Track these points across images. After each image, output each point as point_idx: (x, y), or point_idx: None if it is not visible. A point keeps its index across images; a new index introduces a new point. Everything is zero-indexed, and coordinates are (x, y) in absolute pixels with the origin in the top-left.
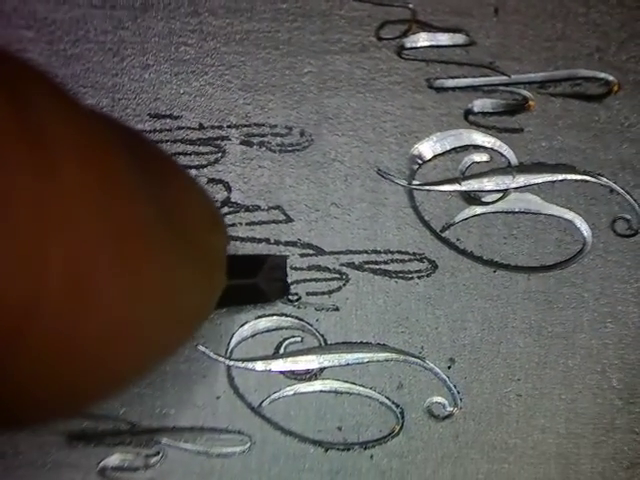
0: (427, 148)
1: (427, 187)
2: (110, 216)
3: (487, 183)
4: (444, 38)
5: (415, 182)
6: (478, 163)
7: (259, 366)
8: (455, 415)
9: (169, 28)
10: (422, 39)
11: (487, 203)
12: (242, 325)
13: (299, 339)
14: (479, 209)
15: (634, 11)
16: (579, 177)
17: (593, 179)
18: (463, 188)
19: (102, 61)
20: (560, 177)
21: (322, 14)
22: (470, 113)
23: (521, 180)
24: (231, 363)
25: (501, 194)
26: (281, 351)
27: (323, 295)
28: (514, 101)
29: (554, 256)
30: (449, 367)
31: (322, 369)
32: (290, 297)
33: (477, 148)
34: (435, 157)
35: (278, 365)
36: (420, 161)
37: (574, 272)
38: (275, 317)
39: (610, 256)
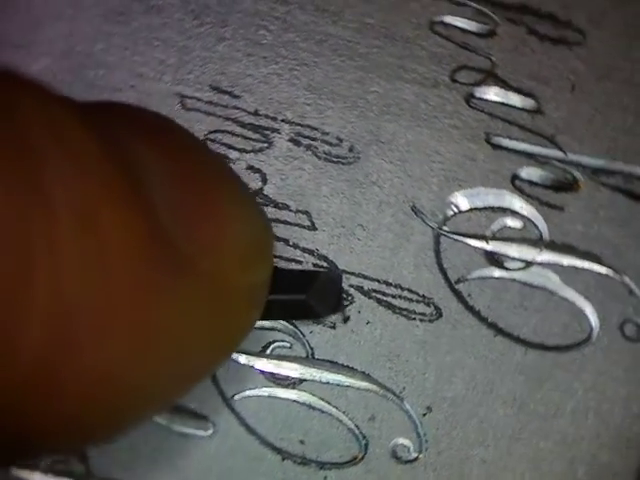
0: (466, 199)
1: (455, 236)
2: (103, 254)
3: (513, 250)
4: (515, 99)
5: (445, 228)
6: (510, 228)
7: (242, 359)
8: (417, 461)
9: (255, 9)
10: (493, 93)
11: (507, 269)
12: None
13: (288, 345)
14: (498, 272)
15: None
16: (603, 270)
17: (616, 276)
18: (489, 247)
19: (182, 20)
20: (586, 265)
21: (405, 40)
22: (517, 178)
23: (547, 256)
24: None
25: (524, 264)
26: (268, 351)
27: None
28: (564, 179)
29: (557, 338)
30: (424, 414)
31: (302, 380)
32: (342, 315)
33: (514, 213)
34: (471, 210)
35: (261, 364)
36: (456, 209)
37: (572, 359)
38: None
39: (611, 354)
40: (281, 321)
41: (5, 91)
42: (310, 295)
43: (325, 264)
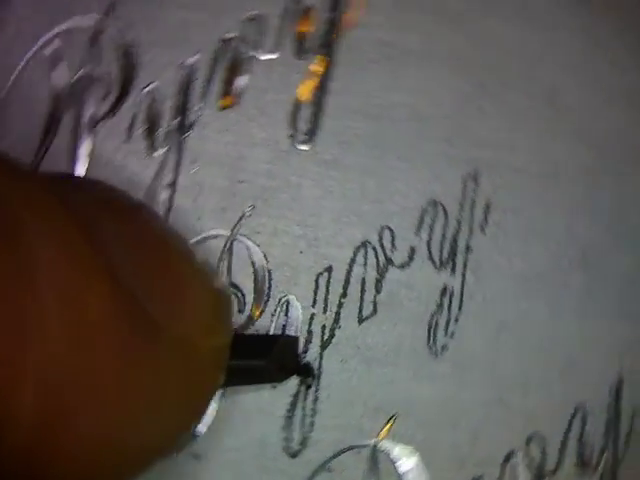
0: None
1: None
2: (87, 331)
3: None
4: None
5: None
6: None
7: None
8: None
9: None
10: None
11: None
12: None
13: None
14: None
15: None
16: None
17: None
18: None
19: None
20: None
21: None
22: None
23: None
24: None
25: None
26: None
27: None
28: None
29: None
30: None
31: None
32: (304, 379)
33: None
34: None
35: None
36: None
37: None
38: None
39: None
40: None
41: None
42: (269, 360)
43: (332, 340)
